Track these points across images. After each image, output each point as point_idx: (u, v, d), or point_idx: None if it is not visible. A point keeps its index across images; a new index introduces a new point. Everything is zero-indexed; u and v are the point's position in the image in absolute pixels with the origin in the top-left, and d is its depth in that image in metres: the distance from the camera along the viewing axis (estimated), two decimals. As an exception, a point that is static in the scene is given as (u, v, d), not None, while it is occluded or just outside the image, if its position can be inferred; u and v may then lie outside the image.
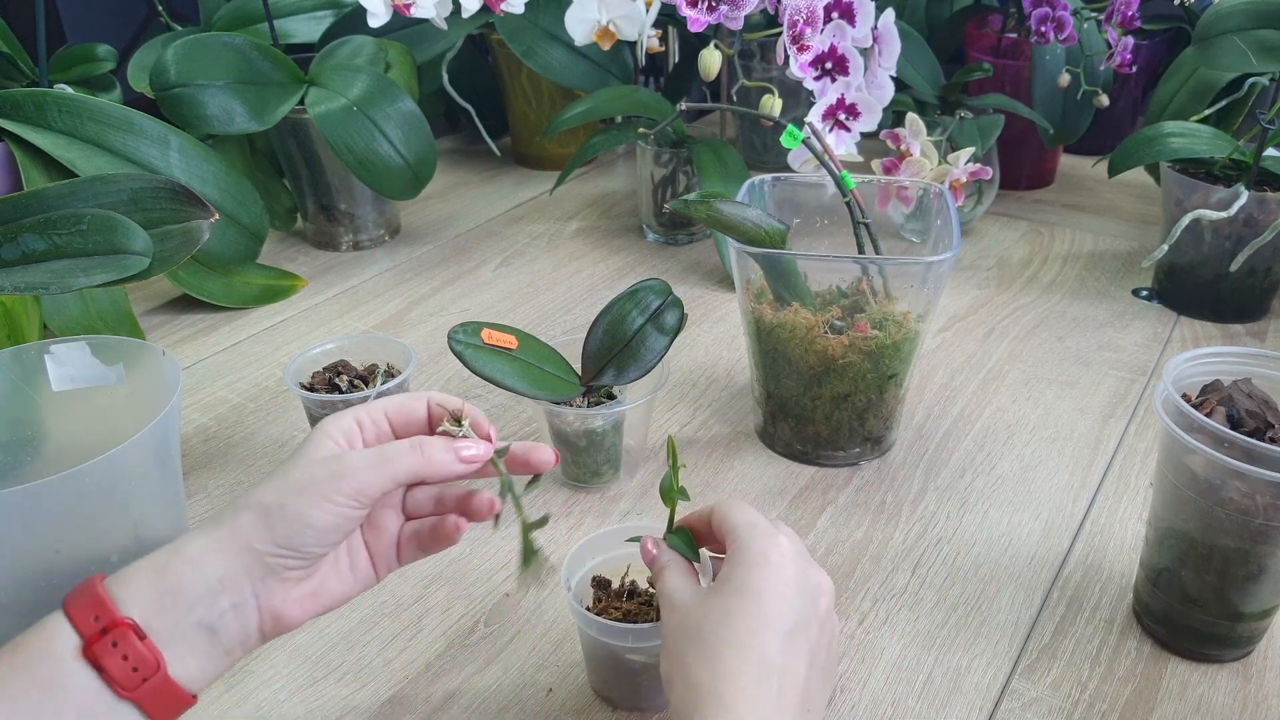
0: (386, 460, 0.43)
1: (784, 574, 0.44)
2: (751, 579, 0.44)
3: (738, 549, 0.45)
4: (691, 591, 0.46)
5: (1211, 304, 0.94)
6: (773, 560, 0.44)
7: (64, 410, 0.61)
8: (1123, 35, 1.10)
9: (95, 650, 0.38)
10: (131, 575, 0.41)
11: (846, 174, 0.72)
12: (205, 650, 0.41)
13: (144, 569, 0.41)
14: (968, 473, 0.74)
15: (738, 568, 0.44)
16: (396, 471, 0.43)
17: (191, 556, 0.41)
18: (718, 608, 0.43)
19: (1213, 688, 0.56)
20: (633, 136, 1.08)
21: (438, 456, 0.44)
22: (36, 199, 0.67)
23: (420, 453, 0.44)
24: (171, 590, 0.40)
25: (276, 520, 0.42)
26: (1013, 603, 0.62)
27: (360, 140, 0.99)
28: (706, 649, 0.42)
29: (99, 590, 0.40)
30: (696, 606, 0.44)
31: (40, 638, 0.39)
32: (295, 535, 0.42)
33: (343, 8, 1.16)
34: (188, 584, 0.40)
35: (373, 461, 0.43)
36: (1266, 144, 0.86)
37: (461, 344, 0.65)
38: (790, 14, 0.90)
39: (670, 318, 0.70)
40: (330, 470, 0.43)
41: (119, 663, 0.38)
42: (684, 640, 0.43)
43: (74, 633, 0.39)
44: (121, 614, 0.39)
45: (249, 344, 0.94)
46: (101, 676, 0.38)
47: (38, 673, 0.38)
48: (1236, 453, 0.50)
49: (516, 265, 1.09)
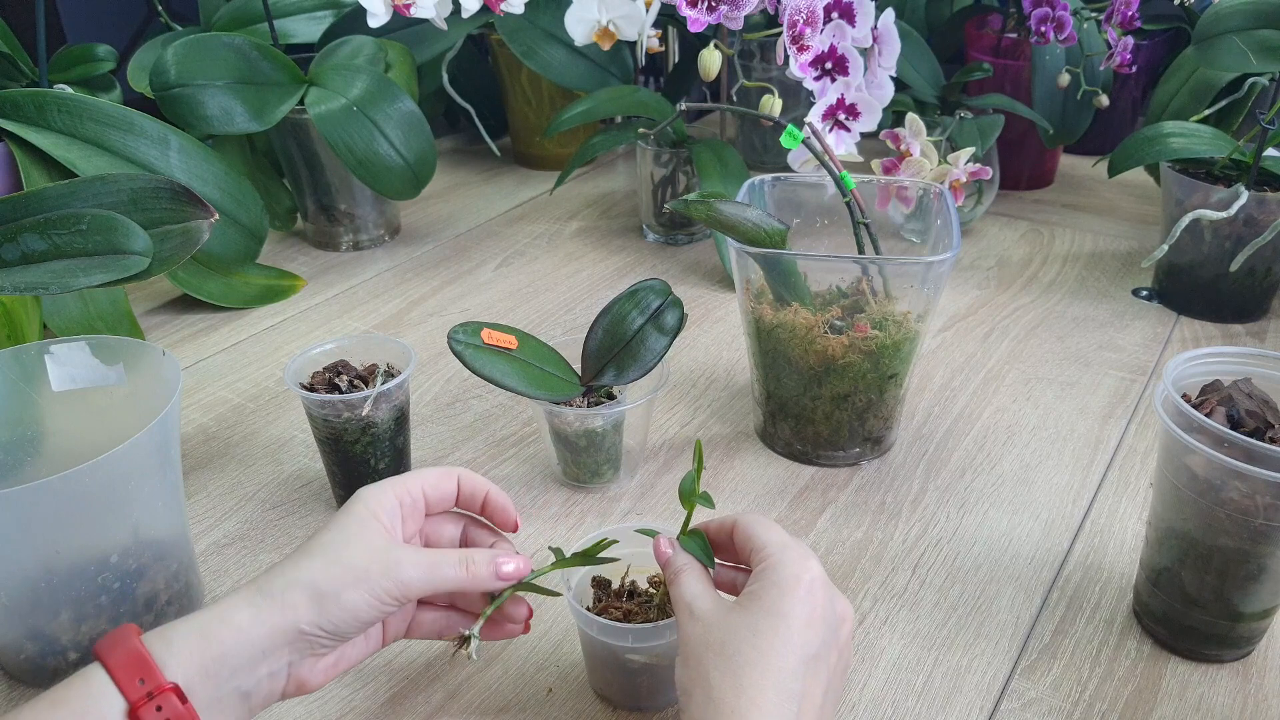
0: (435, 569, 0.47)
1: (814, 599, 0.44)
2: (783, 601, 0.44)
3: (769, 568, 0.45)
4: (712, 602, 0.46)
5: (1211, 304, 0.94)
6: (805, 584, 0.44)
7: (64, 410, 0.61)
8: (1123, 35, 1.10)
9: (140, 714, 0.40)
10: (176, 638, 0.42)
11: (846, 174, 0.72)
12: (235, 711, 0.43)
13: (190, 633, 0.42)
14: (968, 473, 0.74)
15: (770, 587, 0.44)
16: (442, 582, 0.47)
17: (239, 626, 0.43)
18: (745, 626, 0.43)
19: (1213, 688, 0.56)
20: (633, 136, 1.08)
21: (481, 573, 0.48)
22: (36, 199, 0.67)
23: (466, 570, 0.48)
24: (216, 658, 0.42)
25: (329, 607, 0.44)
26: (1013, 603, 0.62)
27: (360, 140, 0.99)
28: (731, 666, 0.42)
29: (141, 650, 0.41)
30: (721, 620, 0.44)
31: (83, 696, 0.40)
32: (342, 623, 0.45)
33: (343, 8, 1.16)
34: (232, 653, 0.42)
35: (424, 570, 0.46)
36: (1266, 144, 0.86)
37: (461, 344, 0.65)
38: (790, 14, 0.90)
39: (670, 318, 0.70)
40: (383, 566, 0.45)
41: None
42: (707, 653, 0.43)
43: (119, 695, 0.40)
44: (166, 678, 0.41)
45: (249, 344, 0.94)
46: None
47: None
48: (1236, 453, 0.50)
49: (516, 265, 1.09)
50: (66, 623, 0.54)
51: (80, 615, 0.54)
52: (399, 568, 0.46)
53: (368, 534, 0.46)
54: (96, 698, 0.40)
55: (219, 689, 0.42)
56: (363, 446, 0.67)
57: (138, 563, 0.56)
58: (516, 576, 0.49)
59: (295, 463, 0.76)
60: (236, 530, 0.69)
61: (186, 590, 0.60)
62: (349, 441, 0.67)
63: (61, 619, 0.54)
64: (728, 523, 0.50)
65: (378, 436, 0.67)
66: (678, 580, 0.48)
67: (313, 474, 0.75)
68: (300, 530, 0.69)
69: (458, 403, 0.84)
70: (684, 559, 0.49)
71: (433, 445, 0.78)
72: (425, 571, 0.46)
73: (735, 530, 0.49)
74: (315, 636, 0.44)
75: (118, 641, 0.41)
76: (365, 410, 0.66)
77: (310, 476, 0.74)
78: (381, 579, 0.45)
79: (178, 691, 0.40)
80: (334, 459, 0.69)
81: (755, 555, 0.47)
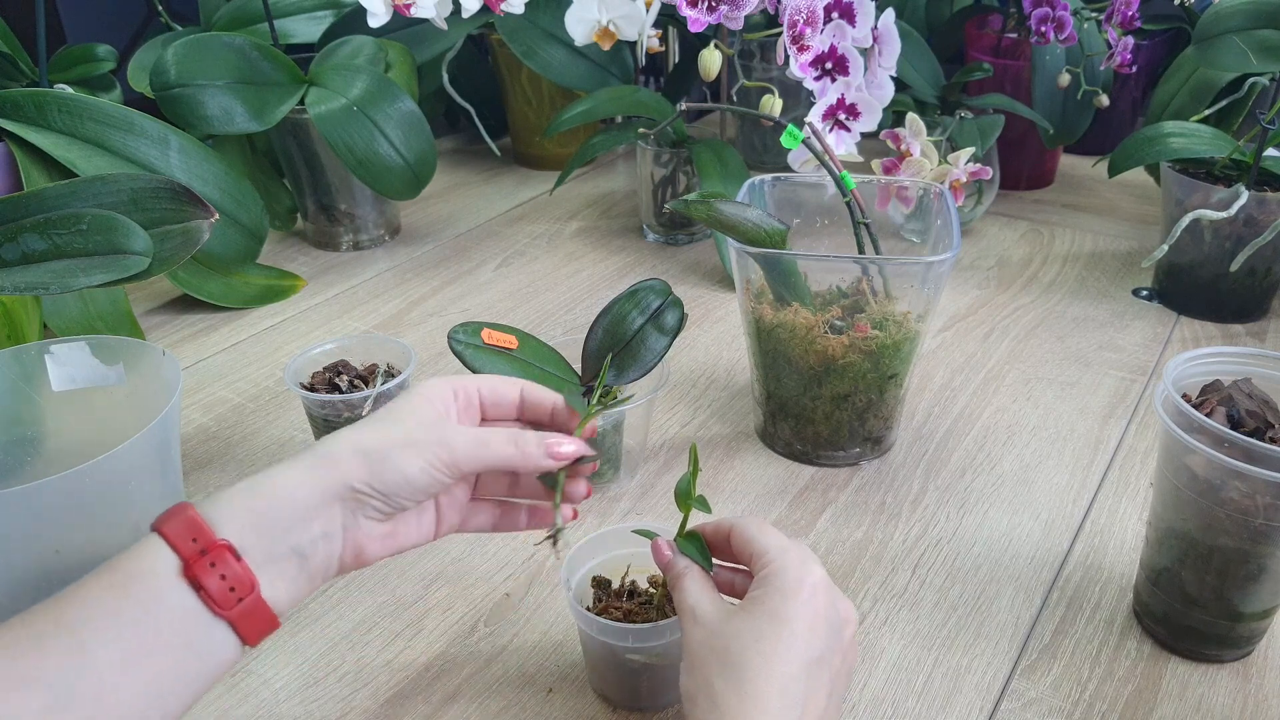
0: (485, 445, 0.46)
1: (816, 603, 0.44)
2: (786, 606, 0.44)
3: (772, 573, 0.45)
4: (715, 606, 0.46)
5: (1211, 304, 0.94)
6: (807, 588, 0.44)
7: (64, 410, 0.61)
8: (1123, 35, 1.10)
9: (195, 570, 0.39)
10: (225, 499, 0.42)
11: (846, 174, 0.72)
12: (294, 574, 0.42)
13: (238, 493, 0.42)
14: (968, 473, 0.74)
15: (773, 592, 0.44)
16: (492, 458, 0.46)
17: (289, 482, 0.42)
18: (748, 631, 0.43)
19: (1213, 688, 0.56)
20: (633, 136, 1.08)
21: (532, 450, 0.47)
22: (36, 199, 0.67)
23: (515, 447, 0.46)
24: (267, 514, 0.41)
25: (377, 465, 0.43)
26: (1013, 603, 0.62)
27: (360, 140, 0.99)
28: (733, 672, 0.42)
29: (193, 514, 0.41)
30: (724, 625, 0.44)
31: (136, 560, 0.40)
32: (392, 484, 0.44)
33: (343, 8, 1.16)
34: (283, 509, 0.42)
35: (473, 443, 0.45)
36: (1266, 144, 0.86)
37: (461, 344, 0.65)
38: (790, 14, 0.90)
39: (670, 318, 0.70)
40: (435, 436, 0.45)
41: (217, 582, 0.39)
42: (711, 659, 0.43)
43: (173, 554, 0.39)
44: (219, 536, 0.40)
45: (249, 344, 0.94)
46: (200, 595, 0.39)
47: (137, 592, 0.38)
48: (1236, 453, 0.50)
49: (516, 265, 1.09)
50: (66, 623, 0.54)
51: (80, 615, 0.54)
52: (449, 436, 0.45)
53: (420, 410, 0.46)
54: (150, 558, 0.39)
55: (273, 546, 0.41)
56: (363, 446, 0.67)
57: (138, 563, 0.56)
58: (571, 456, 0.48)
59: (295, 463, 0.76)
60: (236, 530, 0.69)
61: (186, 590, 0.60)
62: (349, 441, 0.67)
63: (61, 619, 0.54)
64: (724, 526, 0.50)
65: (378, 436, 0.67)
66: (680, 584, 0.48)
67: (313, 474, 0.75)
68: (300, 530, 0.69)
69: (458, 403, 0.84)
70: (684, 562, 0.49)
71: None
72: (474, 443, 0.46)
73: (732, 534, 0.49)
74: (366, 495, 0.43)
75: (173, 513, 0.41)
76: (365, 410, 0.66)
77: (310, 476, 0.74)
78: (432, 444, 0.44)
79: (231, 549, 0.40)
80: (334, 459, 0.68)
81: (756, 560, 0.47)
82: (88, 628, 0.37)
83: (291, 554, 0.42)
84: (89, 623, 0.37)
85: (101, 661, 0.37)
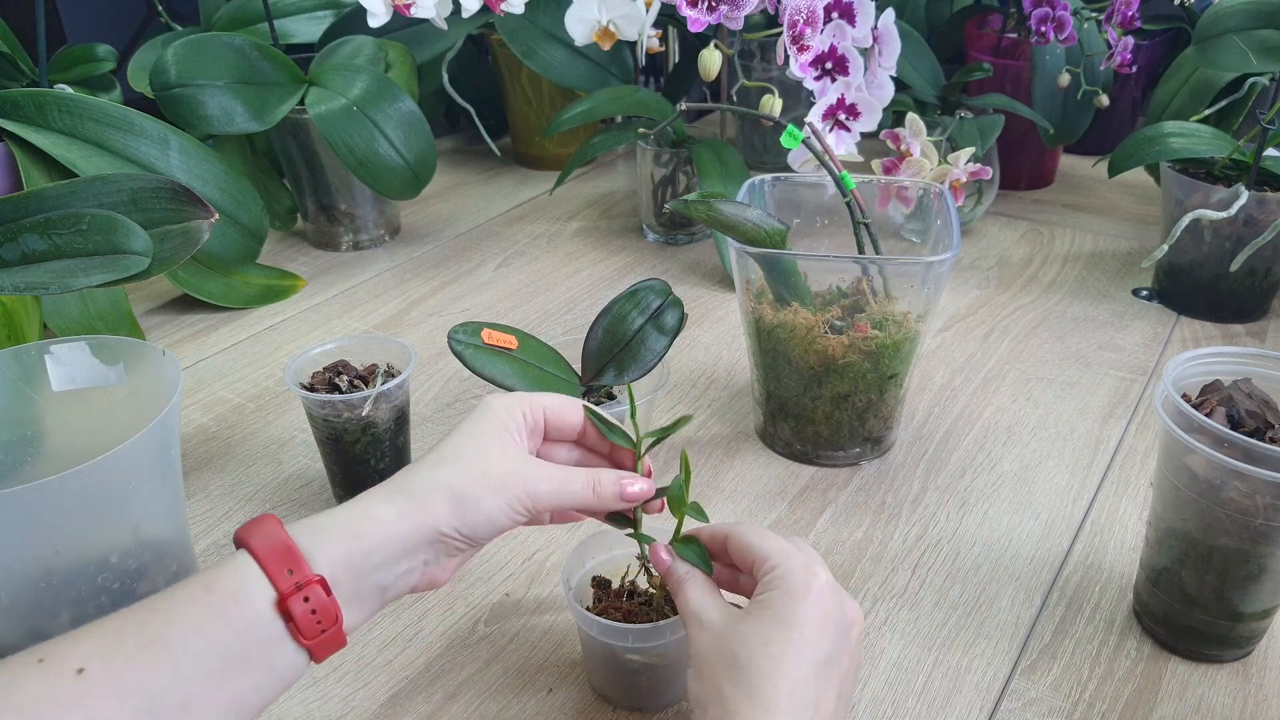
0: (566, 487, 0.48)
1: (824, 604, 0.44)
2: (793, 609, 0.44)
3: (778, 576, 0.45)
4: (720, 611, 0.46)
5: (1211, 304, 0.94)
6: (814, 590, 0.44)
7: (64, 410, 0.61)
8: (1123, 35, 1.10)
9: (288, 604, 0.41)
10: (322, 532, 0.43)
11: (846, 174, 0.72)
12: (373, 605, 0.44)
13: (336, 528, 0.43)
14: (968, 473, 0.74)
15: (780, 596, 0.44)
16: (569, 499, 0.48)
17: (384, 524, 0.44)
18: (756, 635, 0.43)
19: (1213, 688, 0.56)
20: (633, 136, 1.08)
21: (606, 493, 0.49)
22: (36, 199, 0.67)
23: (593, 492, 0.48)
24: (363, 553, 0.43)
25: (468, 511, 0.45)
26: (1013, 603, 0.62)
27: (360, 140, 0.99)
28: (743, 677, 0.42)
29: (288, 541, 0.42)
30: (731, 629, 0.44)
31: (234, 583, 0.41)
32: (478, 528, 0.46)
33: (343, 8, 1.16)
34: (376, 551, 0.43)
35: (555, 485, 0.47)
36: (1266, 144, 0.86)
37: (461, 344, 0.65)
38: (790, 14, 0.90)
39: (670, 318, 0.70)
40: (519, 475, 0.47)
41: (306, 615, 0.41)
42: (719, 664, 0.43)
43: (269, 584, 0.41)
44: (313, 571, 0.41)
45: (249, 344, 0.94)
46: (288, 625, 0.41)
47: (234, 617, 0.40)
48: (1236, 453, 0.50)
49: (516, 265, 1.09)
50: (66, 623, 0.54)
51: (80, 616, 0.54)
52: (533, 480, 0.47)
53: (503, 443, 0.48)
54: (248, 586, 0.41)
55: (360, 584, 0.43)
56: (363, 446, 0.67)
57: (138, 563, 0.56)
58: (642, 497, 0.50)
59: (295, 463, 0.76)
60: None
61: (186, 590, 0.60)
62: (349, 441, 0.67)
63: (61, 619, 0.54)
64: (719, 533, 0.50)
65: (378, 436, 0.67)
66: (682, 590, 0.48)
67: (313, 474, 0.75)
68: (300, 530, 0.69)
69: (458, 403, 0.84)
70: (685, 568, 0.49)
71: (433, 445, 0.78)
72: (556, 487, 0.47)
73: (730, 542, 0.49)
74: (451, 539, 0.45)
75: (263, 531, 0.42)
76: (365, 410, 0.66)
77: (310, 476, 0.74)
78: (517, 489, 0.46)
79: (323, 583, 0.41)
80: (334, 459, 0.69)
81: (759, 565, 0.47)
82: (180, 644, 0.39)
83: (376, 590, 0.44)
84: (182, 640, 0.39)
85: (190, 676, 0.39)
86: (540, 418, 0.51)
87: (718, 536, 0.50)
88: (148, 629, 0.39)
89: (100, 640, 0.38)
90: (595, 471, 0.49)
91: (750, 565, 0.47)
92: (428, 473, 0.46)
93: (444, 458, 0.47)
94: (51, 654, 0.38)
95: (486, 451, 0.47)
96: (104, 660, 0.38)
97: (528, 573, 0.65)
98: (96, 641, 0.38)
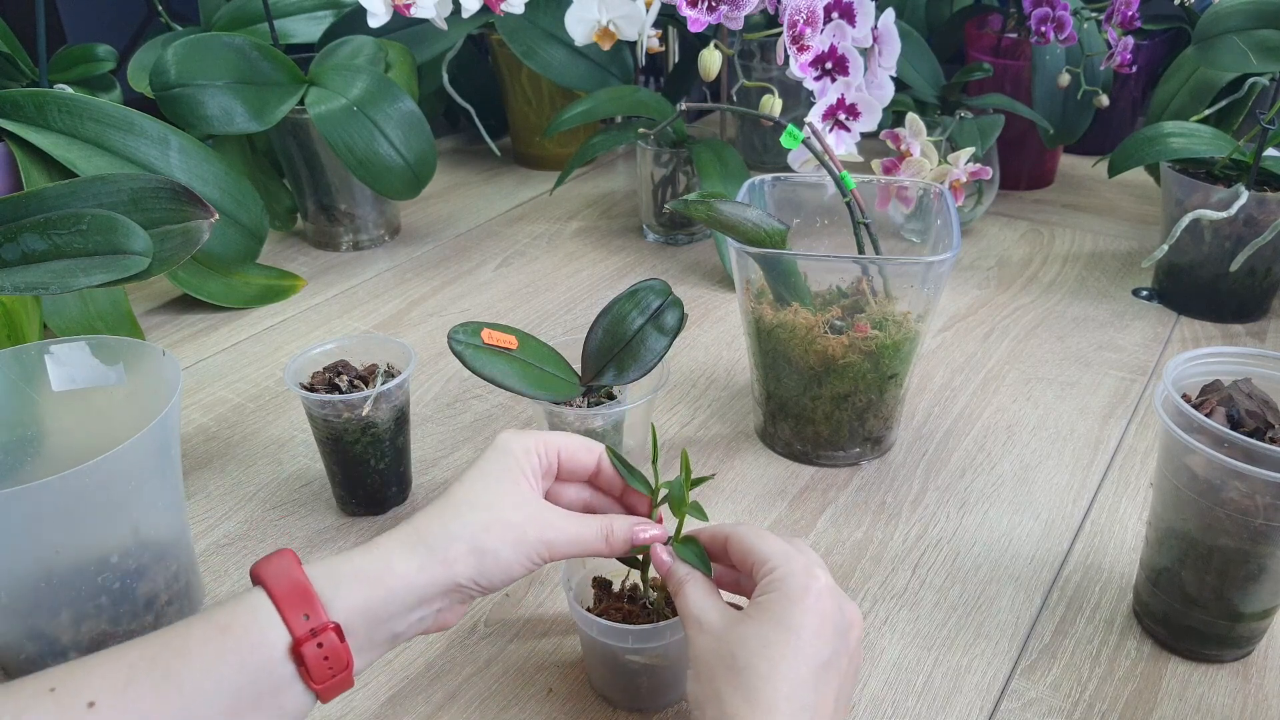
0: (579, 536, 0.48)
1: (823, 607, 0.44)
2: (793, 612, 0.44)
3: (777, 578, 0.45)
4: (720, 613, 0.46)
5: (1211, 304, 0.94)
6: (813, 593, 0.45)
7: (64, 410, 0.61)
8: (1123, 35, 1.10)
9: (302, 649, 0.41)
10: (341, 578, 0.43)
11: (846, 174, 0.72)
12: (382, 649, 0.45)
13: (353, 577, 0.43)
14: (968, 473, 0.74)
15: (779, 598, 0.44)
16: (582, 547, 0.48)
17: (404, 576, 0.44)
18: (755, 638, 0.43)
19: (1213, 688, 0.56)
20: (633, 136, 1.08)
21: (619, 541, 0.49)
22: (36, 199, 0.67)
23: (607, 543, 0.49)
24: (380, 602, 0.43)
25: (488, 563, 0.45)
26: (1013, 603, 0.62)
27: (360, 140, 0.99)
28: (742, 680, 0.42)
29: (306, 584, 0.42)
30: (730, 631, 0.44)
31: (249, 624, 0.41)
32: (495, 578, 0.46)
33: (343, 8, 1.16)
34: (394, 602, 0.44)
35: (570, 536, 0.48)
36: (1266, 144, 0.86)
37: (461, 344, 0.65)
38: (790, 14, 0.90)
39: (670, 318, 0.70)
40: (537, 525, 0.47)
41: (319, 660, 0.41)
42: (718, 667, 0.43)
43: (284, 629, 0.41)
44: (329, 617, 0.42)
45: (249, 344, 0.94)
46: (300, 670, 0.41)
47: (248, 661, 0.40)
48: (1236, 453, 0.50)
49: (516, 265, 1.09)
50: (66, 623, 0.54)
51: (80, 615, 0.54)
52: (550, 530, 0.47)
53: (519, 487, 0.48)
54: (264, 628, 0.41)
55: (375, 632, 0.43)
56: (363, 447, 0.67)
57: (138, 563, 0.56)
58: (654, 542, 0.50)
59: (295, 463, 0.76)
60: (236, 530, 0.69)
61: (187, 591, 0.60)
62: (349, 441, 0.67)
63: (61, 619, 0.54)
64: (719, 534, 0.50)
65: (378, 436, 0.67)
66: (682, 592, 0.48)
67: (313, 474, 0.75)
68: (300, 530, 0.69)
69: (458, 403, 0.84)
70: (685, 569, 0.49)
71: (433, 445, 0.78)
72: (571, 538, 0.48)
73: (730, 543, 0.49)
74: (469, 589, 0.45)
75: (281, 570, 0.42)
76: (365, 410, 0.66)
77: (310, 476, 0.74)
78: (534, 539, 0.46)
79: (338, 630, 0.42)
80: (334, 459, 0.69)
81: (759, 567, 0.46)
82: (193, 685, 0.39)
83: (389, 637, 0.45)
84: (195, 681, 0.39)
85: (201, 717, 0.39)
86: (554, 459, 0.51)
87: (718, 537, 0.50)
88: (159, 665, 0.39)
89: (113, 674, 0.39)
90: (608, 519, 0.49)
91: (750, 567, 0.47)
92: (446, 522, 0.46)
93: (460, 504, 0.47)
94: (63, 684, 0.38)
95: (503, 498, 0.47)
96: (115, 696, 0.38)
97: (528, 573, 0.65)
98: (109, 675, 0.39)
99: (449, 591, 0.45)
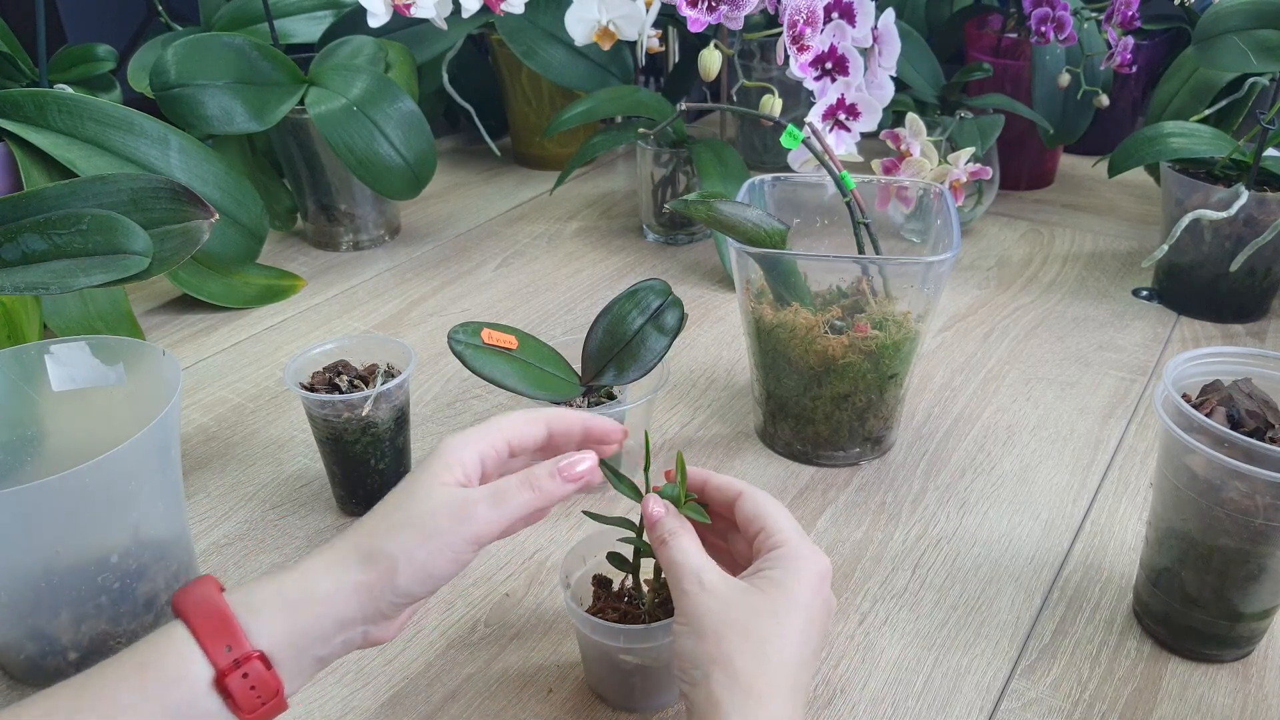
0: (502, 501, 0.45)
1: (825, 593, 0.46)
2: (805, 592, 0.45)
3: (789, 555, 0.46)
4: (720, 575, 0.45)
5: (1211, 304, 0.94)
6: (823, 578, 0.46)
7: (64, 410, 0.61)
8: (1123, 35, 1.10)
9: (227, 682, 0.40)
10: (261, 605, 0.42)
11: (846, 174, 0.72)
12: (310, 672, 0.43)
13: (275, 602, 0.42)
14: (968, 473, 0.74)
15: (792, 576, 0.45)
16: (514, 511, 0.45)
17: (323, 598, 0.43)
18: (768, 611, 0.44)
19: (1213, 688, 0.56)
20: (633, 136, 1.08)
21: (548, 487, 0.46)
22: (36, 199, 0.67)
23: (532, 490, 0.46)
24: (302, 629, 0.42)
25: (404, 571, 0.43)
26: (1013, 603, 0.62)
27: (360, 140, 0.99)
28: (759, 650, 0.43)
29: (227, 613, 0.41)
30: (740, 599, 0.44)
31: (169, 659, 0.40)
32: (419, 585, 0.44)
33: (343, 8, 1.16)
34: (316, 626, 0.42)
35: (491, 504, 0.45)
36: (1266, 144, 0.86)
37: (461, 344, 0.65)
38: (790, 14, 0.90)
39: (670, 318, 0.70)
40: (454, 516, 0.44)
41: (245, 691, 0.40)
42: (730, 632, 0.43)
43: (206, 662, 0.40)
44: (253, 646, 0.40)
45: (249, 344, 0.94)
46: (227, 702, 0.40)
47: (170, 699, 0.39)
48: (1236, 453, 0.50)
49: (516, 265, 1.09)
50: (66, 623, 0.54)
51: (80, 615, 0.54)
52: (469, 515, 0.44)
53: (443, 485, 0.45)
54: (185, 662, 0.40)
55: (302, 658, 0.42)
56: (363, 446, 0.67)
57: (138, 563, 0.56)
58: (586, 474, 0.47)
59: (295, 463, 0.76)
60: (236, 530, 0.69)
61: (186, 590, 0.60)
62: (349, 441, 0.67)
63: (62, 619, 0.54)
64: (732, 488, 0.49)
65: (378, 436, 0.67)
66: (674, 543, 0.47)
67: (313, 474, 0.75)
68: (300, 530, 0.69)
69: (458, 403, 0.84)
70: (676, 522, 0.48)
71: (432, 445, 0.78)
72: (493, 506, 0.45)
73: (742, 500, 0.49)
74: (396, 604, 0.44)
75: (200, 599, 0.41)
76: (365, 410, 0.66)
77: (310, 476, 0.74)
78: (453, 529, 0.44)
79: (263, 658, 0.41)
80: (334, 459, 0.69)
81: (768, 537, 0.47)
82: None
83: (315, 660, 0.43)
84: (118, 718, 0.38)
85: None
86: (503, 449, 0.48)
87: (729, 490, 0.50)
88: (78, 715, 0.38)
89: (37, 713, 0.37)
90: (527, 471, 0.46)
91: (755, 532, 0.47)
92: (367, 536, 0.44)
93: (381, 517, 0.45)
94: None
95: (421, 503, 0.44)
96: None
97: (528, 573, 0.65)
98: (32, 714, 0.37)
99: (372, 611, 0.43)
